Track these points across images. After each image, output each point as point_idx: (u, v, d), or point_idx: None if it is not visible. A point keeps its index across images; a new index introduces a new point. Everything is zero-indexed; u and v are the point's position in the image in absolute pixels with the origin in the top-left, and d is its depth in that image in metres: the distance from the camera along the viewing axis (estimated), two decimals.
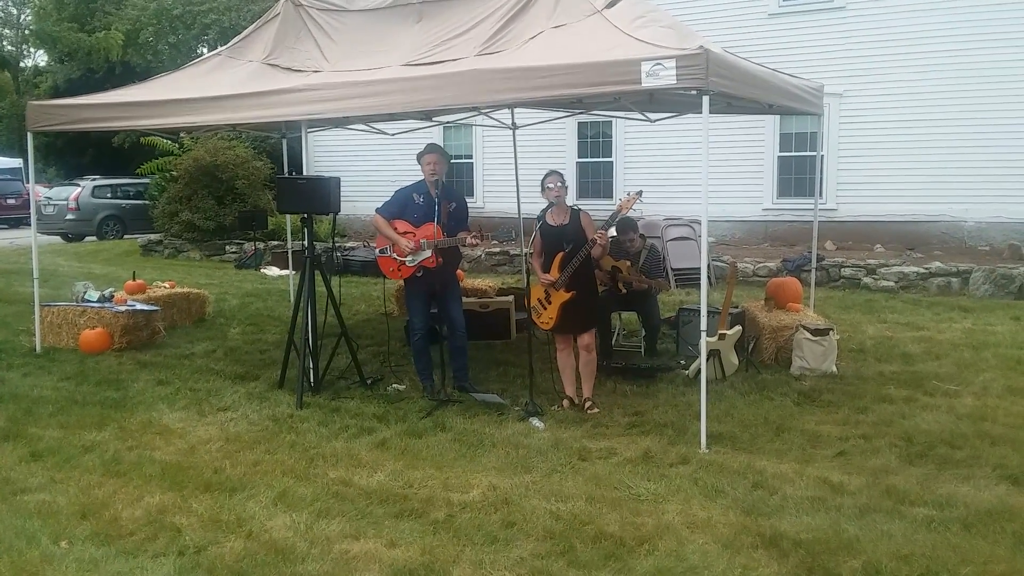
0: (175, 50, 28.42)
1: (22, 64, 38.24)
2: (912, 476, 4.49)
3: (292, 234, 10.03)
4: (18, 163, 28.04)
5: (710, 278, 10.46)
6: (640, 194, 5.57)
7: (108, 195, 21.67)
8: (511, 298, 8.19)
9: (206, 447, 5.10)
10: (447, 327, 6.31)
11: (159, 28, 29.10)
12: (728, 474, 4.53)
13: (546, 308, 5.77)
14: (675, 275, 11.19)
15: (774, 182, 14.19)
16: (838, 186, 13.63)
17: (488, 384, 6.40)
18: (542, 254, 5.80)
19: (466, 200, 6.53)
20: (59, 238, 21.13)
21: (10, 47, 37.53)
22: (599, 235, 5.55)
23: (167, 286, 9.30)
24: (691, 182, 12.66)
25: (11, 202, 26.37)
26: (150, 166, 18.53)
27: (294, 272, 8.99)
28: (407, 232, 6.09)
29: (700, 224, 5.25)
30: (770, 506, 4.12)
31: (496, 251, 13.71)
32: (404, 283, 6.46)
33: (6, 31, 37.55)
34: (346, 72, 6.15)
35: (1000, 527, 3.84)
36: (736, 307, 7.51)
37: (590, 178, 15.63)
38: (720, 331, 6.38)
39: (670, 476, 4.52)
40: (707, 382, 5.08)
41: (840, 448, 4.94)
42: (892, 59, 12.96)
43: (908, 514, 4.00)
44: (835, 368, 6.62)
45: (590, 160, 15.63)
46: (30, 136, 7.59)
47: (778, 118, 13.40)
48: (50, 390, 6.42)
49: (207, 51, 24.67)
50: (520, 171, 8.64)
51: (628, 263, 7.01)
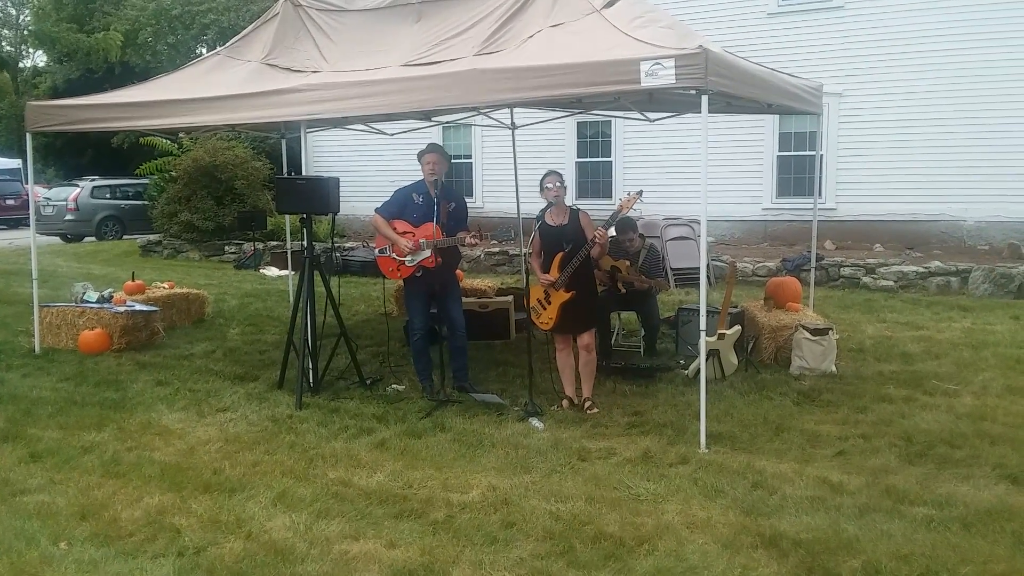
0: (174, 50, 28.42)
1: (21, 64, 38.25)
2: (912, 476, 4.49)
3: (291, 234, 10.03)
4: (17, 164, 28.02)
5: (709, 278, 10.46)
6: (640, 194, 5.56)
7: (107, 196, 21.68)
8: (510, 298, 8.19)
9: (205, 448, 5.10)
10: (447, 327, 6.31)
11: (158, 28, 29.10)
12: (728, 474, 4.53)
13: (546, 308, 5.76)
14: (674, 275, 11.20)
15: (773, 182, 14.19)
16: (837, 185, 13.63)
17: (487, 384, 6.40)
18: (541, 254, 5.79)
19: (465, 200, 6.53)
20: (58, 239, 21.13)
21: (9, 47, 37.54)
22: (599, 233, 5.54)
23: (166, 287, 9.29)
24: (690, 182, 12.66)
25: (10, 203, 26.36)
26: (149, 166, 18.52)
27: (293, 272, 8.98)
28: (406, 232, 6.09)
29: (699, 224, 5.24)
30: (770, 506, 4.12)
31: (495, 251, 13.71)
32: (403, 283, 6.45)
33: (5, 31, 37.59)
34: (345, 72, 6.14)
35: (1000, 526, 3.85)
36: (735, 307, 7.51)
37: (589, 178, 15.63)
38: (719, 331, 6.38)
39: (670, 476, 4.52)
40: (706, 382, 5.08)
41: (839, 448, 4.94)
42: (891, 58, 12.96)
43: (908, 514, 4.00)
44: (834, 368, 6.62)
45: (589, 160, 15.63)
46: (29, 137, 7.58)
47: (777, 118, 13.41)
48: (49, 391, 6.42)
49: (206, 51, 24.65)
50: (519, 171, 8.62)
51: (627, 263, 7.01)
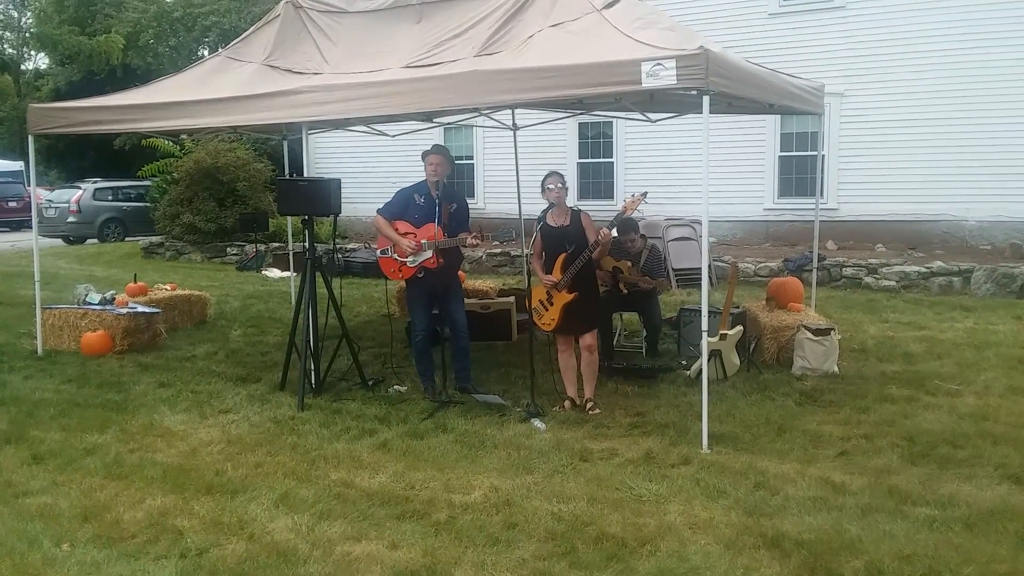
0: (175, 53, 28.49)
1: (23, 67, 38.31)
2: (914, 476, 4.48)
3: (293, 236, 10.03)
4: (19, 166, 28.08)
5: (711, 278, 10.45)
6: (645, 195, 5.55)
7: (109, 198, 21.71)
8: (512, 299, 8.19)
9: (207, 449, 5.11)
10: (449, 328, 6.31)
11: (159, 31, 29.16)
12: (730, 474, 4.53)
13: (548, 309, 5.76)
14: (676, 275, 11.19)
15: (775, 182, 14.18)
16: (839, 186, 13.62)
17: (489, 385, 6.39)
18: (542, 255, 5.79)
19: (467, 201, 6.53)
20: (60, 241, 21.16)
21: (11, 50, 37.60)
22: (603, 234, 5.53)
23: (168, 288, 9.30)
24: (692, 182, 12.64)
25: (12, 205, 26.39)
26: (151, 168, 18.53)
27: (295, 274, 8.99)
28: (408, 233, 6.09)
29: (701, 224, 5.24)
30: (772, 506, 4.12)
31: (497, 252, 13.70)
32: (405, 284, 6.45)
33: (7, 34, 37.63)
34: (346, 74, 6.14)
35: (1002, 527, 3.84)
36: (737, 307, 7.51)
37: (591, 179, 15.63)
38: (721, 331, 6.38)
39: (672, 477, 4.52)
40: (708, 382, 5.08)
41: (842, 448, 4.93)
42: (893, 58, 12.95)
43: (910, 514, 4.00)
44: (836, 368, 6.61)
45: (591, 160, 15.63)
46: (31, 139, 7.60)
47: (779, 118, 13.40)
48: (51, 393, 6.43)
49: (207, 53, 24.71)
50: (521, 172, 8.62)
51: (629, 263, 7.01)
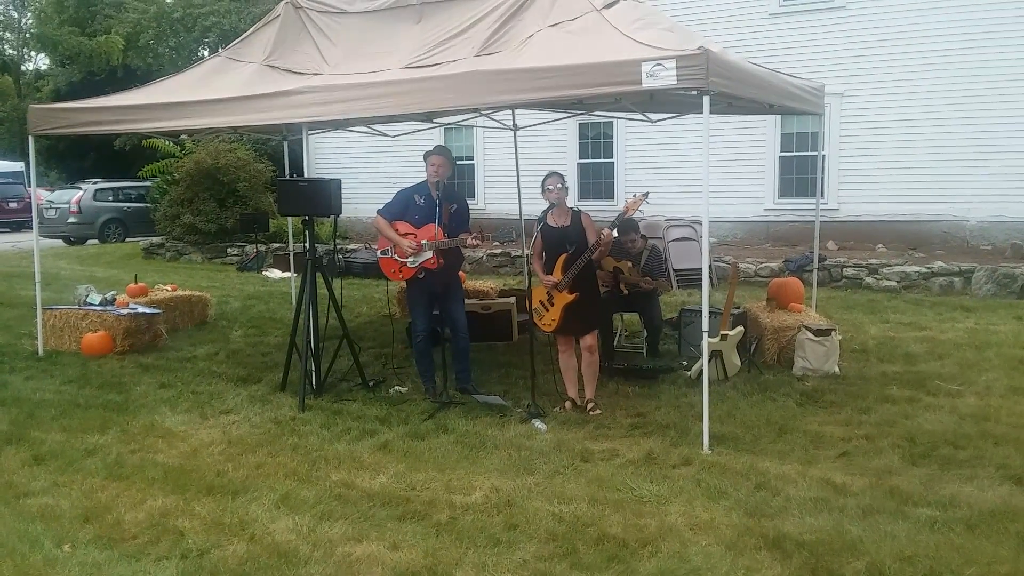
0: (175, 53, 28.53)
1: (23, 68, 38.33)
2: (915, 477, 4.48)
3: (294, 236, 10.03)
4: (20, 167, 28.11)
5: (712, 279, 10.45)
6: (647, 195, 5.55)
7: (110, 198, 21.72)
8: (513, 299, 8.19)
9: (208, 450, 5.10)
10: (449, 329, 6.30)
11: (159, 31, 29.19)
12: (731, 475, 4.53)
13: (549, 310, 5.76)
14: (677, 276, 11.19)
15: (775, 182, 14.17)
16: (839, 186, 13.62)
17: (490, 386, 6.39)
18: (543, 255, 5.79)
19: (467, 201, 6.53)
20: (61, 241, 21.16)
21: (11, 51, 37.61)
22: (604, 234, 5.53)
23: (169, 289, 9.30)
24: (692, 182, 12.65)
25: (13, 206, 26.41)
26: (151, 169, 18.54)
27: (296, 274, 8.99)
28: (408, 233, 6.09)
29: (701, 224, 5.23)
30: (773, 507, 4.11)
31: (497, 252, 13.70)
32: (406, 285, 6.45)
33: (7, 35, 37.64)
34: (346, 74, 6.14)
35: (1004, 527, 3.83)
36: (738, 308, 7.51)
37: (591, 179, 15.62)
38: (722, 332, 6.37)
39: (673, 477, 4.51)
40: (709, 383, 5.07)
41: (843, 449, 4.93)
42: (893, 58, 12.94)
43: (911, 515, 3.99)
44: (837, 368, 6.61)
45: (591, 161, 15.63)
46: (31, 140, 7.60)
47: (779, 118, 13.39)
48: (52, 393, 6.43)
49: (207, 54, 24.72)
50: (521, 172, 8.62)
51: (630, 264, 7.01)
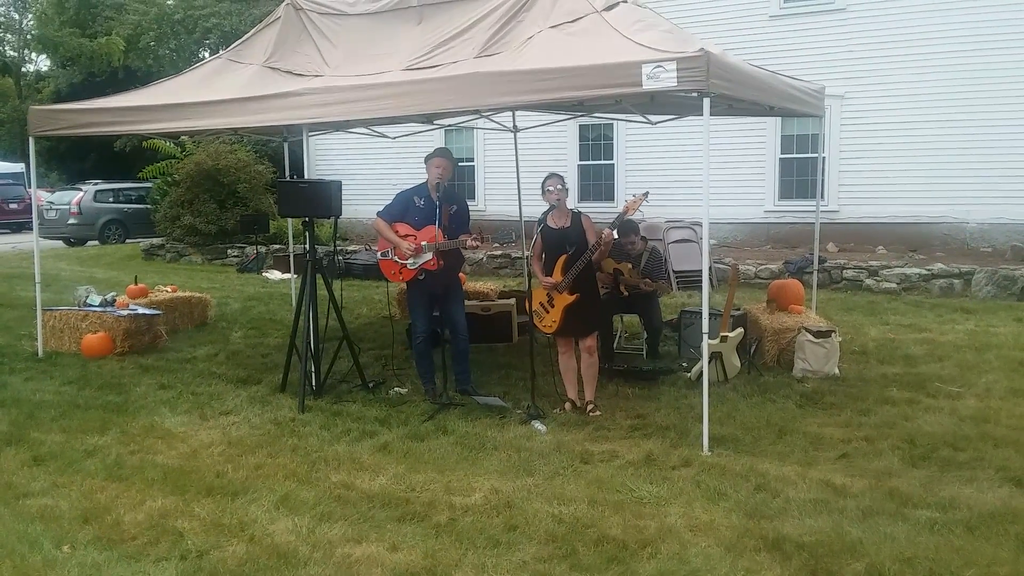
0: (176, 54, 28.56)
1: (24, 69, 38.34)
2: (915, 478, 4.48)
3: (294, 237, 10.04)
4: (20, 168, 28.14)
5: (712, 280, 10.45)
6: (647, 195, 5.55)
7: (110, 199, 21.74)
8: (513, 301, 8.19)
9: (208, 451, 5.10)
10: (449, 330, 6.30)
11: (160, 33, 29.22)
12: (730, 477, 4.53)
13: (549, 311, 5.75)
14: (677, 277, 11.20)
15: (776, 184, 14.18)
16: (840, 188, 13.62)
17: (490, 387, 6.39)
18: (542, 257, 5.79)
19: (467, 203, 6.53)
20: (61, 242, 21.17)
21: (12, 52, 37.62)
22: (605, 234, 5.52)
23: (169, 290, 9.29)
24: (692, 184, 12.64)
25: (13, 207, 26.43)
26: (152, 170, 18.54)
27: (296, 276, 8.99)
28: (408, 235, 6.09)
29: (701, 226, 5.24)
30: (773, 509, 4.11)
31: (497, 254, 13.70)
32: (406, 286, 6.45)
33: (8, 36, 37.65)
34: (347, 76, 6.15)
35: (1003, 529, 3.83)
36: (738, 309, 7.50)
37: (591, 180, 15.63)
38: (722, 333, 6.37)
39: (672, 479, 4.51)
40: (709, 384, 5.07)
41: (843, 450, 4.93)
42: (893, 61, 12.95)
43: (911, 516, 3.99)
44: (837, 370, 6.61)
45: (591, 162, 15.63)
46: (32, 141, 7.60)
47: (779, 120, 13.39)
48: (52, 394, 6.43)
49: (208, 55, 24.74)
50: (521, 174, 8.63)
51: (630, 265, 7.01)
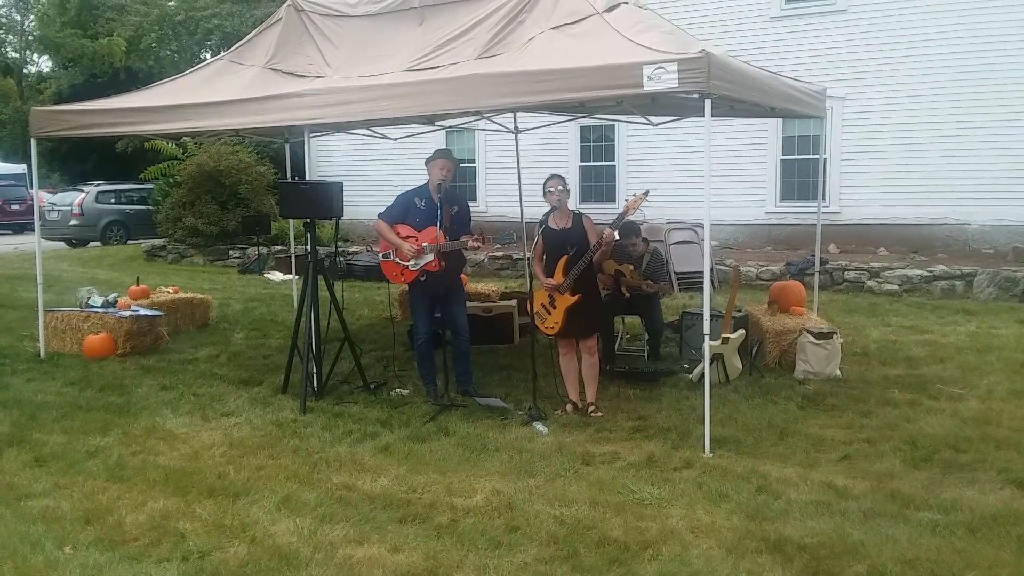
0: (178, 56, 28.57)
1: (26, 70, 38.38)
2: (917, 480, 4.48)
3: (295, 239, 10.04)
4: (22, 169, 28.16)
5: (713, 282, 10.45)
6: (647, 194, 5.54)
7: (112, 201, 21.76)
8: (514, 302, 8.19)
9: (210, 452, 5.11)
10: (451, 331, 6.31)
11: (162, 34, 29.23)
12: (732, 478, 4.53)
13: (551, 313, 5.76)
14: (678, 279, 11.20)
15: (777, 185, 14.17)
16: (841, 189, 13.62)
17: (491, 388, 6.39)
18: (543, 258, 5.79)
19: (468, 204, 6.53)
20: (63, 243, 21.19)
21: (14, 53, 37.66)
22: (606, 234, 5.53)
23: (171, 291, 9.30)
24: (694, 185, 12.64)
25: (15, 208, 26.44)
26: (153, 171, 18.56)
27: (297, 277, 8.99)
28: (409, 236, 6.09)
29: (703, 228, 5.24)
30: (774, 510, 4.11)
31: (499, 255, 13.70)
32: (407, 287, 6.46)
33: (9, 37, 37.69)
34: (348, 77, 6.15)
35: (1005, 531, 3.83)
36: (739, 311, 7.50)
37: (592, 182, 15.64)
38: (723, 335, 6.37)
39: (674, 480, 4.51)
40: (711, 386, 5.07)
41: (844, 452, 4.93)
42: (894, 62, 12.94)
43: (913, 518, 3.99)
44: (839, 372, 6.60)
45: (593, 164, 15.64)
46: (34, 142, 7.62)
47: (781, 121, 13.37)
48: (54, 395, 6.43)
49: (210, 57, 24.74)
50: (523, 175, 8.60)
51: (631, 267, 7.01)
